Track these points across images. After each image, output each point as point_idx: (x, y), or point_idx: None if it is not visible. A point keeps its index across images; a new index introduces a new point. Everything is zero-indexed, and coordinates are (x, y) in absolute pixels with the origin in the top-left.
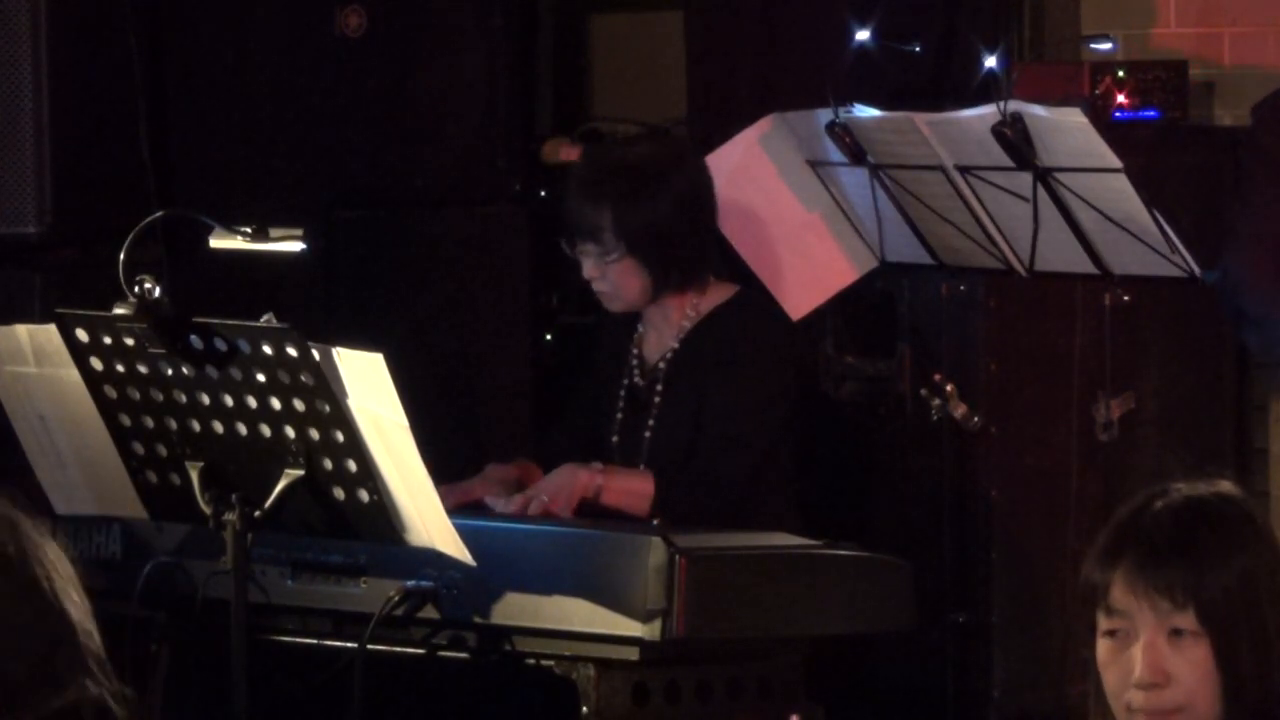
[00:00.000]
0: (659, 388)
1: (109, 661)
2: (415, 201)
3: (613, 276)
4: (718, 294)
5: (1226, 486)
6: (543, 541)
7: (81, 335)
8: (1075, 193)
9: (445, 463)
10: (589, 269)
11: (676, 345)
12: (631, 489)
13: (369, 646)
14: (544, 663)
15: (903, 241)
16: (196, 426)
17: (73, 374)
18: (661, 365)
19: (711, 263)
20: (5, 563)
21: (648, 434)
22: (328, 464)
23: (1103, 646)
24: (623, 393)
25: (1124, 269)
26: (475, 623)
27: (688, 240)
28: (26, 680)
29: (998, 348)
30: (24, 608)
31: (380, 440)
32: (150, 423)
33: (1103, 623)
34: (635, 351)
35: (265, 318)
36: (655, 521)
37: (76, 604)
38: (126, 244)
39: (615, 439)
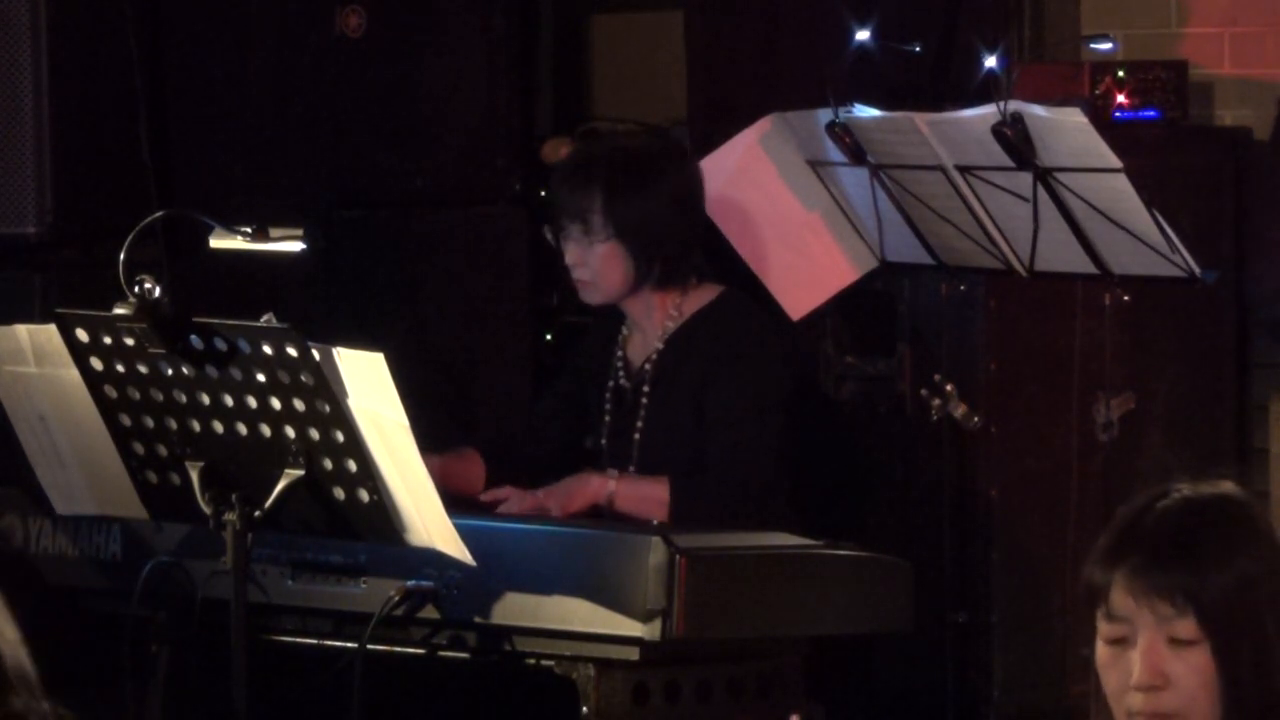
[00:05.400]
0: (645, 389)
1: (43, 684)
2: (415, 201)
3: (595, 263)
4: (701, 295)
5: (1229, 487)
6: (543, 541)
7: (81, 335)
8: (1075, 193)
9: None
10: (571, 254)
11: (661, 346)
12: (646, 495)
13: (369, 646)
14: (544, 663)
15: (903, 241)
16: (196, 426)
17: (73, 374)
18: (647, 367)
19: (696, 265)
20: None
21: (637, 436)
22: (328, 464)
23: (1102, 649)
24: (609, 395)
25: (1124, 269)
26: (475, 623)
27: (676, 238)
28: None
29: (998, 348)
30: None
31: (380, 440)
32: (150, 423)
33: (1103, 627)
34: (620, 354)
35: (265, 318)
36: (655, 521)
37: (5, 637)
38: (126, 244)
39: (604, 442)
